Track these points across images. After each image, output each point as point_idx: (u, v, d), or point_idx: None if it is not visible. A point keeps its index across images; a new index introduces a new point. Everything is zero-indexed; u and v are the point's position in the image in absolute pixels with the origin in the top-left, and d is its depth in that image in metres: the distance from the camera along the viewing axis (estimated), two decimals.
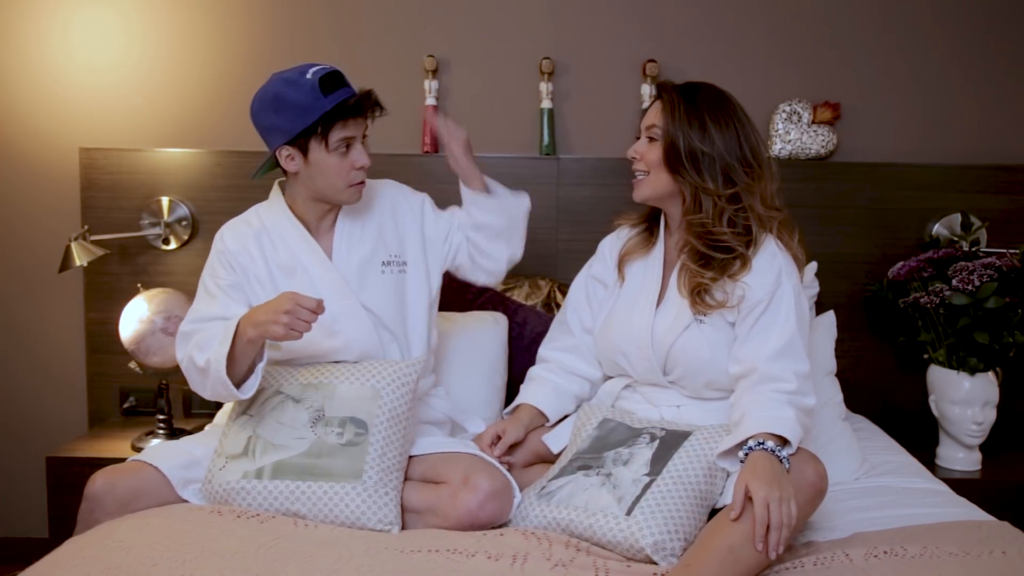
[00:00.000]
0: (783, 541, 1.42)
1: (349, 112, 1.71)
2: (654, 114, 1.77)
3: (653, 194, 1.78)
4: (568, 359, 1.94)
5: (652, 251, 1.85)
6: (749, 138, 1.73)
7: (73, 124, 2.60)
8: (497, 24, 2.59)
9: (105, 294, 2.56)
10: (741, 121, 1.73)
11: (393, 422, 1.72)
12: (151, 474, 1.68)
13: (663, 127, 1.73)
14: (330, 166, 1.74)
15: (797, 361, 1.66)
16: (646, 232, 1.90)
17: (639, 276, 1.85)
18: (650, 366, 1.78)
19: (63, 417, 2.67)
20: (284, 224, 1.84)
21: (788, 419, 1.56)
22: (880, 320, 2.55)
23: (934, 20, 2.57)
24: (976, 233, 2.44)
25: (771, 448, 1.51)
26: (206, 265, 1.87)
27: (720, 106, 1.73)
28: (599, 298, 1.94)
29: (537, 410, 1.90)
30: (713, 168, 1.70)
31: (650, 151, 1.76)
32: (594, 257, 1.99)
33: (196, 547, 1.45)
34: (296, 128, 1.70)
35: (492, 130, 2.61)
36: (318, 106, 1.68)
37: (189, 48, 2.59)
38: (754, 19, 2.58)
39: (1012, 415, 2.50)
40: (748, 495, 1.44)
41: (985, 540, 1.52)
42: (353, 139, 1.75)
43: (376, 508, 1.63)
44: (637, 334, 1.78)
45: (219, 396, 1.74)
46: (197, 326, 1.77)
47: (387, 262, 1.88)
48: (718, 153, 1.69)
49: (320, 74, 1.70)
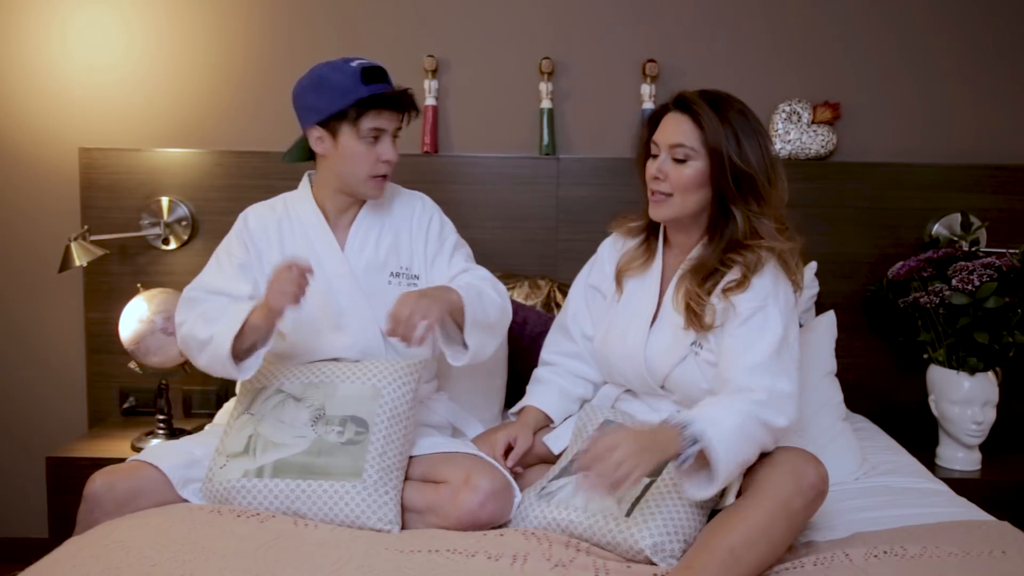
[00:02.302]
0: (598, 476, 1.36)
1: (384, 103, 1.76)
2: (679, 131, 1.66)
3: (679, 215, 1.70)
4: (571, 363, 1.95)
5: (650, 268, 1.80)
6: (770, 149, 1.67)
7: (73, 124, 2.60)
8: (497, 24, 2.59)
9: (105, 294, 2.56)
10: (762, 132, 1.67)
11: (394, 421, 1.72)
12: (150, 474, 1.68)
13: (698, 145, 1.64)
14: (357, 153, 1.78)
15: (776, 377, 1.56)
16: (644, 244, 1.84)
17: (636, 293, 1.81)
18: (647, 384, 1.77)
19: (63, 417, 2.67)
20: (306, 212, 1.87)
21: (725, 427, 1.44)
22: (880, 320, 2.55)
23: (934, 20, 2.57)
24: (976, 233, 2.44)
25: (688, 438, 1.42)
26: (224, 239, 1.91)
27: (744, 116, 1.65)
28: (599, 308, 1.91)
29: (543, 413, 1.91)
30: (752, 185, 1.63)
31: (679, 172, 1.65)
32: (592, 263, 1.96)
33: (196, 547, 1.45)
34: (331, 108, 1.75)
35: (492, 130, 2.61)
36: (356, 91, 1.74)
37: (189, 48, 2.58)
38: (754, 19, 2.58)
39: (1012, 415, 2.50)
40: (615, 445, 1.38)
41: (985, 540, 1.52)
42: (384, 132, 1.79)
43: (376, 507, 1.63)
44: (632, 355, 1.76)
45: (213, 371, 1.74)
46: (201, 295, 1.81)
47: (396, 273, 1.89)
48: (754, 170, 1.62)
49: (364, 65, 1.76)
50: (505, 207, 2.54)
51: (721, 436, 1.44)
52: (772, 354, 1.58)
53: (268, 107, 2.58)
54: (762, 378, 1.55)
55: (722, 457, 1.43)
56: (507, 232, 2.55)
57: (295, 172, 2.00)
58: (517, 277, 2.47)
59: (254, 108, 2.58)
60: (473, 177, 2.54)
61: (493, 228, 2.55)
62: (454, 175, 2.54)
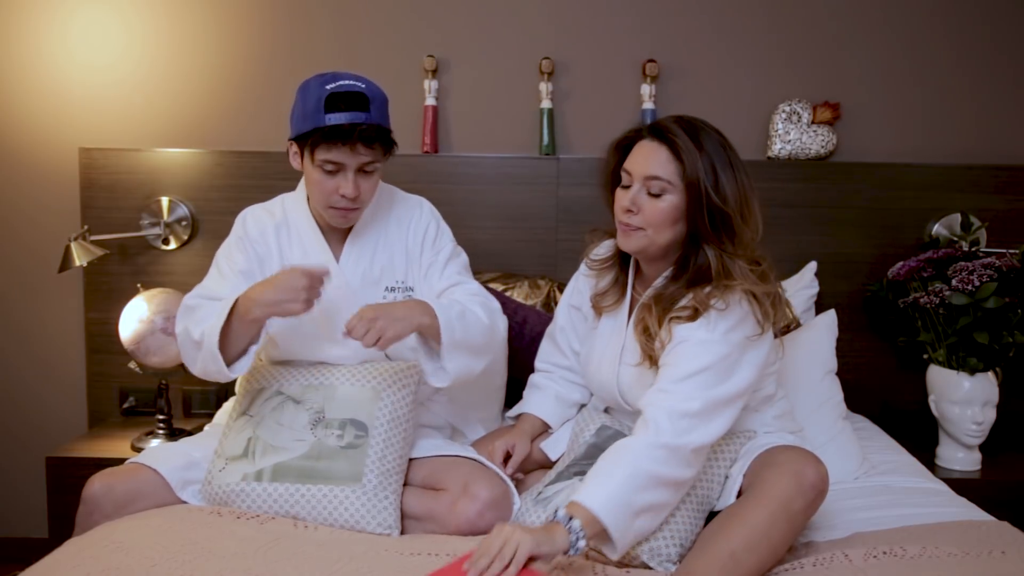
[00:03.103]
0: None
1: (336, 136, 1.64)
2: (656, 162, 1.56)
3: (648, 248, 1.60)
4: (564, 371, 1.96)
5: (621, 305, 1.74)
6: (744, 183, 1.56)
7: (73, 124, 2.60)
8: (497, 24, 2.59)
9: (105, 294, 2.56)
10: (738, 164, 1.57)
11: (393, 424, 1.71)
12: (149, 476, 1.67)
13: (675, 179, 1.54)
14: (315, 181, 1.72)
15: (710, 389, 1.47)
16: (614, 280, 1.76)
17: (607, 327, 1.76)
18: (625, 410, 1.75)
19: (63, 417, 2.67)
20: (302, 222, 1.85)
21: (605, 492, 1.36)
22: (880, 320, 2.55)
23: (934, 20, 2.57)
24: (976, 233, 2.44)
25: (574, 530, 1.34)
26: (224, 244, 1.87)
27: (723, 149, 1.56)
28: (581, 329, 1.90)
29: (540, 420, 1.91)
30: (727, 223, 1.53)
31: (653, 206, 1.56)
32: (575, 281, 1.91)
33: (196, 548, 1.45)
34: (297, 129, 1.71)
35: (492, 130, 2.61)
36: (315, 119, 1.66)
37: (189, 48, 2.58)
38: (754, 19, 2.58)
39: (1012, 415, 2.50)
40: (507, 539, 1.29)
41: (985, 540, 1.52)
42: (343, 166, 1.68)
43: (376, 512, 1.63)
44: (607, 385, 1.74)
45: (208, 374, 1.72)
46: (200, 302, 1.77)
47: (392, 288, 1.87)
48: (729, 206, 1.52)
49: (335, 90, 1.65)
50: (505, 207, 2.54)
51: (602, 504, 1.36)
52: (690, 375, 1.48)
53: (268, 107, 2.58)
54: (695, 386, 1.47)
55: (611, 523, 1.36)
56: (507, 232, 2.55)
57: (295, 172, 2.00)
58: (517, 277, 2.47)
59: (254, 108, 2.58)
60: (473, 177, 2.54)
61: (493, 228, 2.55)
62: (454, 175, 2.54)
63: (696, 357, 1.50)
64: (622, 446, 1.46)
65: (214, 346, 1.65)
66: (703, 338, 1.51)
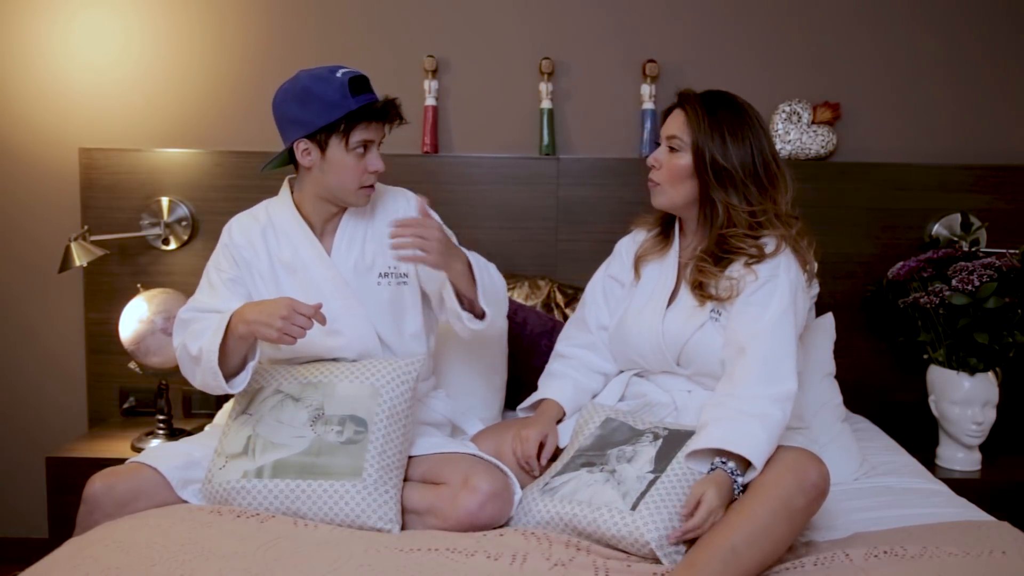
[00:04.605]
0: (683, 535, 1.49)
1: (373, 115, 1.75)
2: (675, 124, 1.78)
3: (670, 203, 1.82)
4: (585, 355, 1.97)
5: (668, 254, 1.88)
6: (764, 152, 1.75)
7: (73, 124, 2.60)
8: (497, 24, 2.59)
9: (105, 294, 2.56)
10: (756, 135, 1.75)
11: (393, 420, 1.72)
12: (149, 475, 1.68)
13: (687, 139, 1.76)
14: (346, 166, 1.76)
15: (774, 344, 1.68)
16: (661, 235, 1.92)
17: (654, 275, 1.89)
18: (663, 359, 1.81)
19: (63, 417, 2.67)
20: (289, 221, 1.86)
21: (756, 440, 1.55)
22: (880, 320, 2.55)
23: (934, 21, 2.57)
24: (976, 233, 2.44)
25: (731, 470, 1.54)
26: (212, 255, 1.90)
27: (739, 119, 1.75)
28: (616, 296, 1.97)
29: (560, 406, 1.93)
30: (733, 181, 1.73)
31: (670, 161, 1.78)
32: (610, 259, 2.02)
33: (196, 547, 1.45)
34: (320, 122, 1.73)
35: (492, 130, 2.61)
36: (345, 104, 1.71)
37: (189, 48, 2.59)
38: (754, 19, 2.58)
39: (1012, 415, 2.50)
40: (700, 500, 1.49)
41: (985, 540, 1.52)
42: (372, 143, 1.78)
43: (376, 506, 1.63)
44: (649, 329, 1.81)
45: (208, 387, 1.75)
46: (194, 315, 1.80)
47: (385, 274, 1.88)
48: (735, 168, 1.72)
49: (349, 75, 1.74)
50: (505, 207, 2.55)
51: (756, 450, 1.53)
52: (776, 320, 1.68)
53: (267, 107, 2.54)
54: (761, 344, 1.66)
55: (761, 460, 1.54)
56: (507, 232, 2.55)
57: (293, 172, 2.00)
58: (517, 277, 2.47)
59: (254, 108, 2.58)
60: (473, 177, 2.54)
61: (493, 228, 2.55)
62: (454, 175, 2.54)
63: (770, 301, 1.70)
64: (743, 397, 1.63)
65: (214, 363, 1.68)
66: (771, 279, 1.71)
